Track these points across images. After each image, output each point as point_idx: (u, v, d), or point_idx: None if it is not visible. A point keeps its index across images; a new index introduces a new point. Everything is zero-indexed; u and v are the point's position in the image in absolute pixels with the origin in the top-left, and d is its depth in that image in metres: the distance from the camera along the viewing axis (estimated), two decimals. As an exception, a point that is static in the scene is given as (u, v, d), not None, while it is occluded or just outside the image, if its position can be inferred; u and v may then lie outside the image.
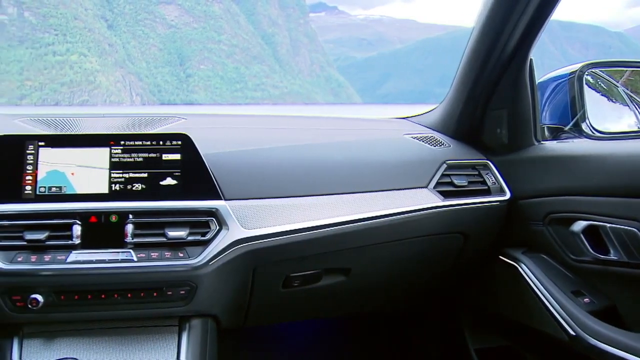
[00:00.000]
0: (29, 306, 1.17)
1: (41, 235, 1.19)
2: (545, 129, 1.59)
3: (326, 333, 2.18)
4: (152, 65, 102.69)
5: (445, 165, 1.52)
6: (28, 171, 1.27)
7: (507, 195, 1.52)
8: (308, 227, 1.32)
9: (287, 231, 1.30)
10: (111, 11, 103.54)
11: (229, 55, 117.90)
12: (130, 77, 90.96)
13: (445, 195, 1.47)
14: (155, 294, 1.23)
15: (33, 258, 1.18)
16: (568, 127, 1.55)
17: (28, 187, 1.26)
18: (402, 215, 1.41)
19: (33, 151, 1.28)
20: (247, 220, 1.29)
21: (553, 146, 1.52)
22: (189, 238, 1.23)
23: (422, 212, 1.43)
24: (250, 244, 1.27)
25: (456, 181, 1.50)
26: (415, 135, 1.63)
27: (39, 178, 1.26)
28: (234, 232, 1.25)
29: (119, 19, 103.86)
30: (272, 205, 1.33)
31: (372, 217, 1.38)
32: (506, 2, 1.36)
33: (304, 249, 1.35)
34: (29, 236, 1.19)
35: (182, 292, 1.23)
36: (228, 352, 1.50)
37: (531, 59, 1.48)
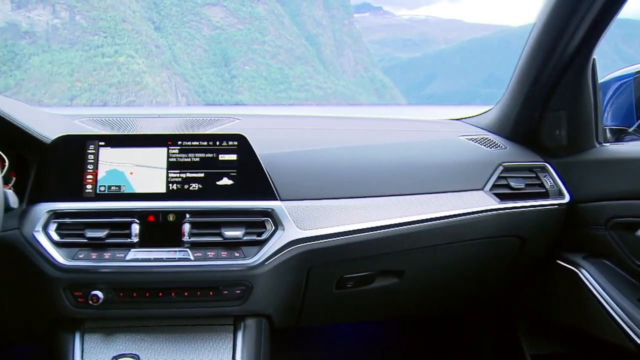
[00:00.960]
0: (90, 302, 1.21)
1: (101, 234, 1.22)
2: (607, 130, 1.55)
3: (377, 335, 2.16)
4: (198, 66, 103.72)
5: (501, 168, 1.49)
6: (89, 170, 1.29)
7: (566, 199, 1.48)
8: (363, 229, 1.32)
9: (342, 232, 1.31)
10: (158, 13, 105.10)
11: (273, 56, 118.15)
12: (176, 78, 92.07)
13: (502, 197, 1.45)
14: (211, 293, 1.25)
15: (93, 255, 1.22)
16: (632, 128, 1.52)
17: (89, 186, 1.28)
18: (457, 218, 1.39)
19: (94, 151, 1.31)
20: (302, 221, 1.29)
21: (616, 148, 1.48)
22: (245, 238, 1.24)
23: (477, 214, 1.41)
24: (306, 244, 1.28)
25: (513, 184, 1.48)
26: (470, 137, 1.61)
27: (99, 177, 1.29)
28: (290, 232, 1.26)
29: (166, 21, 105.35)
30: (327, 206, 1.34)
31: (427, 219, 1.37)
32: None
33: (358, 251, 1.34)
34: (90, 234, 1.22)
35: (238, 291, 1.25)
36: (280, 352, 1.48)
37: (594, 59, 1.43)
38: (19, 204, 1.23)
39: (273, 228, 1.27)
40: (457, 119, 1.82)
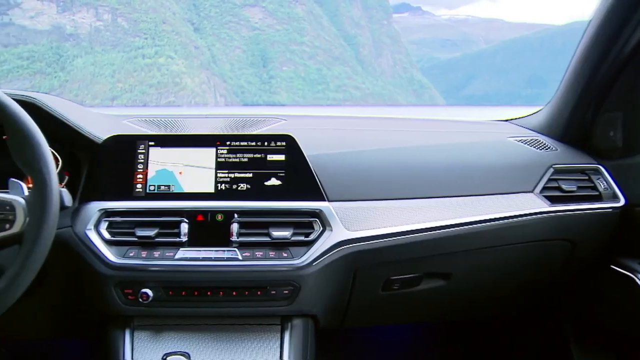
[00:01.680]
0: (140, 300, 1.23)
1: (151, 232, 1.25)
2: None
3: (421, 338, 2.18)
4: (236, 67, 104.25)
5: (552, 170, 1.47)
6: (139, 170, 1.32)
7: (621, 202, 1.46)
8: (411, 230, 1.32)
9: (389, 234, 1.31)
10: (197, 15, 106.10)
11: (311, 56, 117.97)
12: (214, 79, 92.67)
13: (553, 200, 1.43)
14: (259, 293, 1.26)
15: (143, 254, 1.24)
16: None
17: (139, 186, 1.31)
18: (506, 220, 1.38)
19: (144, 151, 1.33)
20: (350, 222, 1.29)
21: None
22: (293, 238, 1.25)
23: (527, 217, 1.39)
24: (353, 245, 1.28)
25: (564, 186, 1.45)
26: (519, 138, 1.59)
27: (149, 177, 1.31)
28: (338, 233, 1.27)
29: (205, 22, 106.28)
30: (375, 208, 1.34)
31: (476, 221, 1.36)
32: None
33: (405, 252, 1.34)
34: (140, 232, 1.25)
35: (286, 291, 1.25)
36: (324, 352, 1.48)
37: None
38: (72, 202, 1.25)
39: (321, 229, 1.27)
40: (505, 120, 1.80)
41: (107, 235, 1.26)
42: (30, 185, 1.08)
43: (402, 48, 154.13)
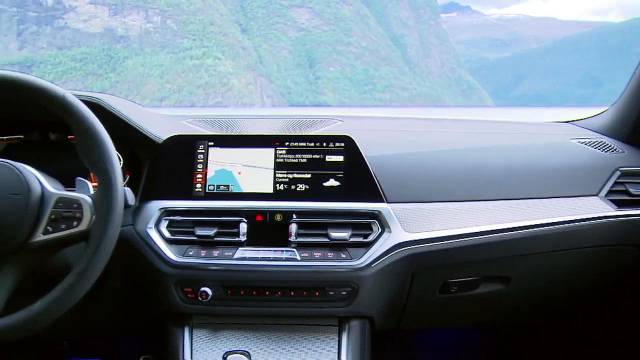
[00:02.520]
0: (199, 298, 1.25)
1: (210, 232, 1.27)
2: None
3: (477, 341, 2.15)
4: (283, 67, 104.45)
5: (618, 173, 1.44)
6: (198, 170, 1.34)
7: None
8: (470, 233, 1.31)
9: (449, 236, 1.30)
10: (245, 16, 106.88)
11: (357, 57, 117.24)
12: (261, 80, 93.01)
13: (619, 204, 1.40)
14: (317, 294, 1.26)
15: (203, 253, 1.26)
16: None
17: (198, 185, 1.33)
18: (569, 224, 1.35)
19: (203, 151, 1.35)
20: (409, 224, 1.30)
21: None
22: (352, 239, 1.26)
23: (591, 221, 1.36)
24: (412, 247, 1.28)
25: (632, 190, 1.42)
26: (583, 140, 1.56)
27: (208, 176, 1.34)
28: (396, 235, 1.27)
29: (252, 23, 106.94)
30: (434, 209, 1.34)
31: (537, 224, 1.34)
32: None
33: (464, 255, 1.33)
34: (199, 232, 1.27)
35: (344, 293, 1.26)
36: (379, 354, 1.48)
37: None
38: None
39: (380, 230, 1.27)
40: (566, 122, 1.76)
41: (167, 234, 1.28)
42: (96, 184, 1.11)
43: (450, 48, 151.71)
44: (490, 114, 2.31)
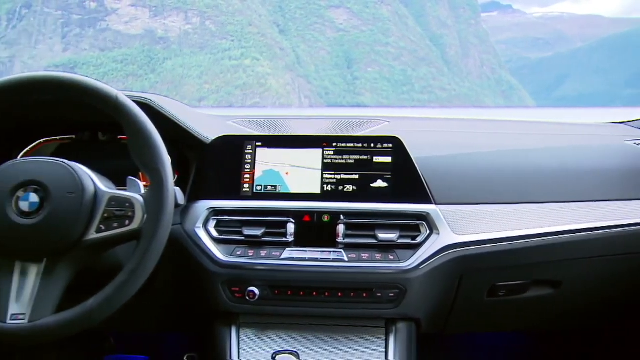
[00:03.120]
0: (247, 298, 1.26)
1: (258, 232, 1.27)
2: None
3: (524, 347, 2.09)
4: (321, 68, 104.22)
5: None
6: (246, 170, 1.35)
7: None
8: (521, 236, 1.30)
9: (498, 239, 1.29)
10: (283, 16, 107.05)
11: (396, 57, 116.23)
12: (299, 80, 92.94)
13: None
14: (364, 295, 1.26)
15: (250, 252, 1.27)
16: None
17: (246, 185, 1.34)
18: (624, 228, 1.33)
19: (251, 151, 1.36)
20: (458, 226, 1.29)
21: None
22: (399, 241, 1.25)
23: None
24: (460, 250, 1.27)
25: None
26: (638, 142, 1.53)
27: (256, 177, 1.35)
28: (445, 237, 1.26)
29: (290, 24, 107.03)
30: (483, 212, 1.32)
31: (591, 228, 1.32)
32: None
33: (513, 258, 1.32)
34: (247, 232, 1.28)
35: (392, 294, 1.25)
36: (425, 358, 1.46)
37: None
38: None
39: (428, 232, 1.27)
40: (620, 122, 1.71)
41: (215, 234, 1.30)
42: (147, 184, 1.13)
43: (490, 48, 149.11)
44: (532, 115, 2.19)
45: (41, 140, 1.53)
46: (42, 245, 1.08)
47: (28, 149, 1.54)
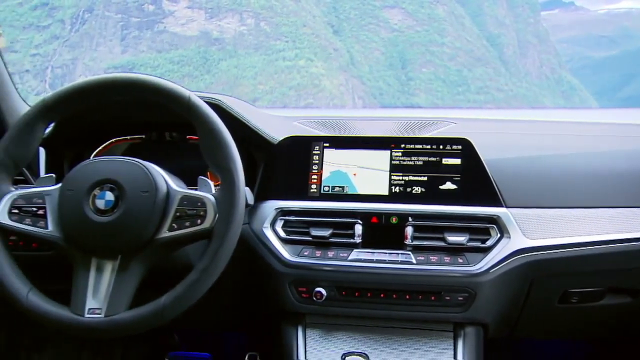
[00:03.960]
0: (314, 298, 1.26)
1: (325, 233, 1.28)
2: None
3: (593, 356, 2.03)
4: (375, 69, 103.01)
5: None
6: (314, 171, 1.35)
7: None
8: (596, 241, 1.25)
9: (572, 244, 1.25)
10: (337, 17, 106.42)
11: (451, 58, 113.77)
12: (353, 81, 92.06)
13: None
14: (433, 298, 1.25)
15: (318, 253, 1.27)
16: None
17: (313, 186, 1.35)
18: None
19: (319, 152, 1.37)
20: (529, 230, 1.26)
21: None
22: (469, 244, 1.24)
23: None
24: (532, 254, 1.25)
25: None
26: None
27: (323, 177, 1.35)
28: (516, 241, 1.24)
29: (344, 24, 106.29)
30: (556, 216, 1.29)
31: None
32: None
33: (588, 265, 1.27)
34: (315, 232, 1.28)
35: (460, 298, 1.24)
36: None
37: None
38: None
39: (498, 235, 1.24)
40: None
41: (282, 234, 1.30)
42: (216, 183, 1.13)
43: (550, 47, 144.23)
44: (594, 116, 2.15)
45: (112, 140, 1.58)
46: (116, 242, 1.09)
47: (100, 148, 1.58)
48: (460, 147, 1.31)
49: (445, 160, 1.30)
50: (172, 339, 2.02)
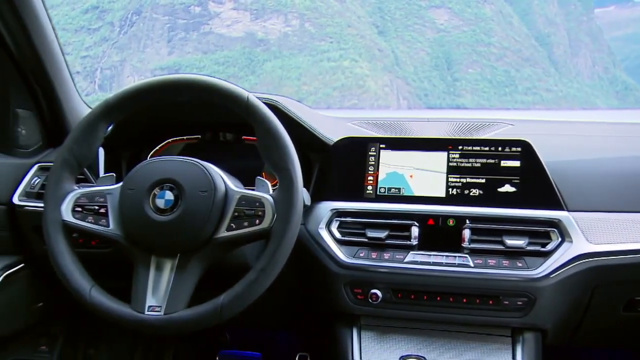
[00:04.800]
0: (369, 300, 1.26)
1: (381, 234, 1.27)
2: None
3: None
4: (420, 69, 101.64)
5: None
6: (370, 172, 1.35)
7: None
8: None
9: (638, 250, 1.23)
10: (382, 17, 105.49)
11: (498, 58, 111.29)
12: (397, 82, 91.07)
13: None
14: (490, 302, 1.23)
15: (373, 255, 1.27)
16: None
17: (369, 187, 1.35)
18: None
19: (375, 153, 1.37)
20: (592, 234, 1.23)
21: None
22: (528, 248, 1.22)
23: None
24: (595, 259, 1.21)
25: None
26: None
27: (379, 179, 1.35)
28: (578, 245, 1.21)
29: (389, 25, 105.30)
30: (620, 220, 1.25)
31: None
32: None
33: None
34: (371, 234, 1.28)
35: (520, 303, 1.21)
36: None
37: None
38: None
39: (559, 239, 1.22)
40: None
41: (338, 235, 1.29)
42: (274, 183, 1.14)
43: (603, 46, 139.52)
44: None
45: (169, 140, 1.61)
46: (175, 241, 1.11)
47: (157, 148, 1.61)
48: (519, 149, 1.28)
49: (504, 163, 1.28)
50: (223, 337, 2.03)
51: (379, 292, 1.24)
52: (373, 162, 1.34)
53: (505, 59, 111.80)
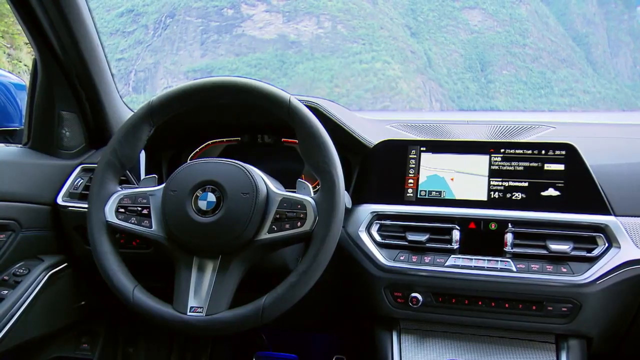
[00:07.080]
0: (409, 304, 1.24)
1: (422, 237, 1.25)
2: None
3: None
4: (453, 71, 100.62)
5: None
6: (410, 175, 1.33)
7: None
8: None
9: None
10: (415, 19, 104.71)
11: (534, 59, 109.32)
12: (430, 84, 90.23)
13: None
14: (533, 308, 1.20)
15: (414, 258, 1.25)
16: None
17: (410, 190, 1.32)
18: None
19: (415, 156, 1.34)
20: None
21: None
22: (573, 253, 1.18)
23: None
24: None
25: None
26: None
27: (420, 182, 1.33)
28: (627, 251, 1.17)
29: (422, 26, 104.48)
30: None
31: None
32: None
33: None
34: (411, 237, 1.26)
35: (564, 309, 1.18)
36: None
37: None
38: None
39: (606, 245, 1.19)
40: None
41: (378, 238, 1.28)
42: (314, 184, 1.17)
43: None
44: None
45: (209, 142, 1.60)
46: (217, 242, 1.11)
47: (197, 150, 1.61)
48: (563, 152, 1.26)
49: (547, 166, 1.26)
50: (260, 338, 2.03)
51: (419, 296, 1.23)
52: (413, 165, 1.33)
53: (540, 60, 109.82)
